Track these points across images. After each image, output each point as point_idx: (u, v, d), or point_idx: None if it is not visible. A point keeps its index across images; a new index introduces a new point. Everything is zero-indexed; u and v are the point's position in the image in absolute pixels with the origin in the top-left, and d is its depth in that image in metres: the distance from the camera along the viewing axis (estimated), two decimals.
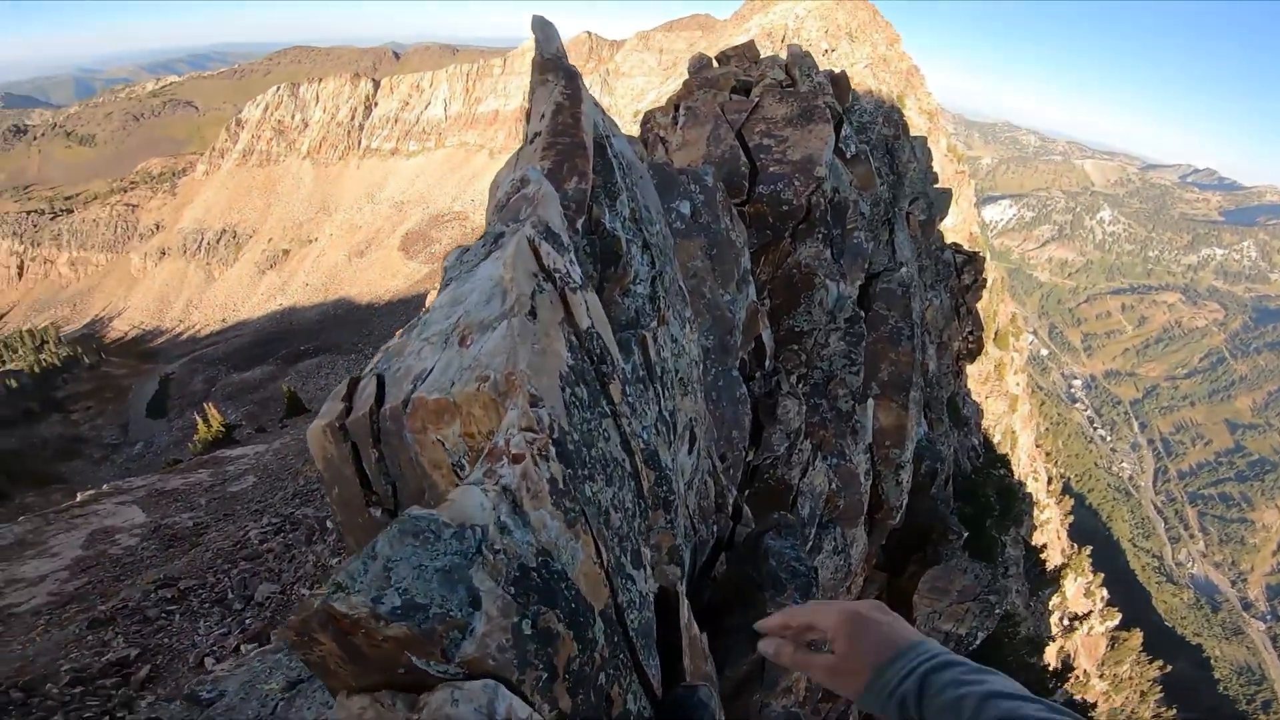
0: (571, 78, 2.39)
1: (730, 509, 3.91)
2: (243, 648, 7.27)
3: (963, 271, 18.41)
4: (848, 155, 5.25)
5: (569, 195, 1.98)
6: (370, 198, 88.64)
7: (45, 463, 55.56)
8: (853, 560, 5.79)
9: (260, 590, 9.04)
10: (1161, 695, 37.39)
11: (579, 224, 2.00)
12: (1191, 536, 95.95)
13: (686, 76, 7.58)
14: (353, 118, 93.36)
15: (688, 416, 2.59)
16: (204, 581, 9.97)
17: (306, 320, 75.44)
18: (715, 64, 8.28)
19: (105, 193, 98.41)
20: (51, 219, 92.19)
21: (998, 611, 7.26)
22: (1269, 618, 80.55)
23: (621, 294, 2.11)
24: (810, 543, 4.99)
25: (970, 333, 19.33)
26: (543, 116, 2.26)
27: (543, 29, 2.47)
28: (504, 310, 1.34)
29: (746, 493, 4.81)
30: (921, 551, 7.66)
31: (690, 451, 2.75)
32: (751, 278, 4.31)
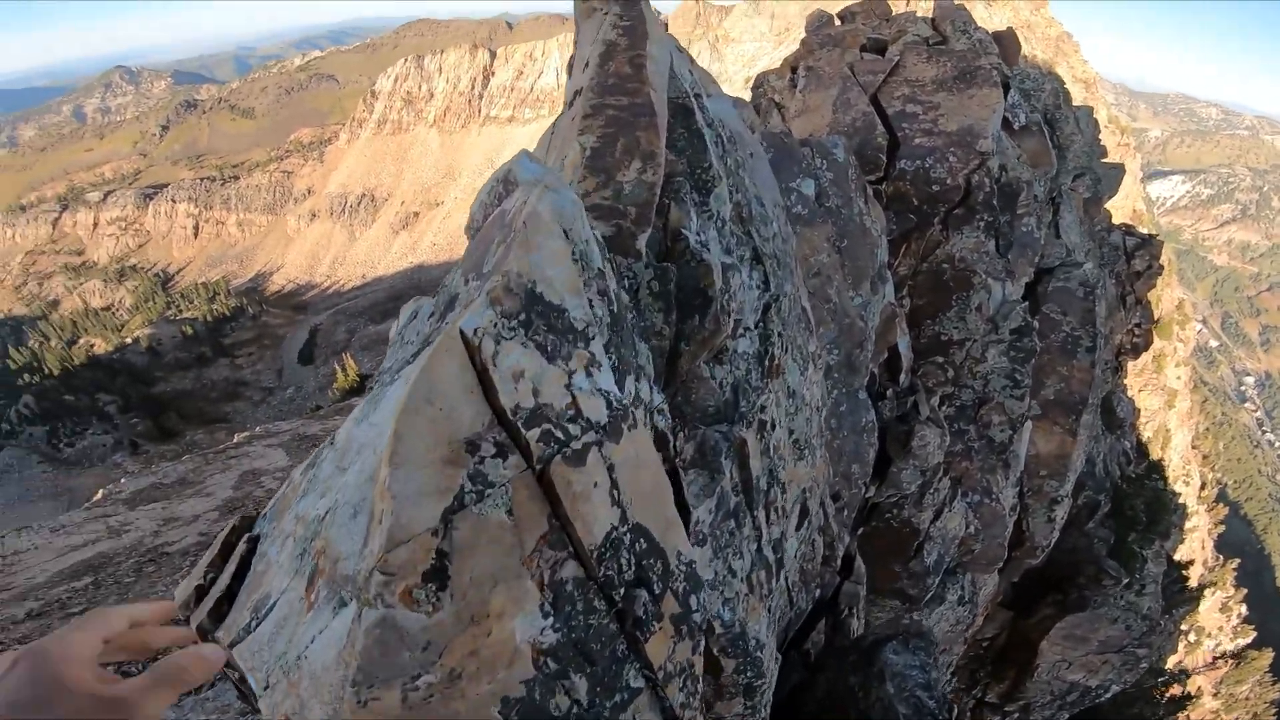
0: (631, 3, 1.69)
1: (839, 559, 3.20)
2: None
3: (1134, 256, 15.98)
4: (1015, 126, 4.15)
5: (625, 192, 1.33)
6: (490, 163, 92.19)
7: (212, 403, 63.78)
8: (978, 608, 4.87)
9: None
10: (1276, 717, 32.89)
11: (641, 242, 1.32)
12: None
13: (804, 36, 6.60)
14: (473, 87, 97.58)
15: (801, 488, 1.90)
16: None
17: (433, 277, 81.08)
18: (838, 21, 7.17)
19: (264, 161, 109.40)
20: (221, 184, 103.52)
21: (1143, 665, 6.01)
22: None
23: (711, 358, 1.40)
24: (931, 592, 4.16)
25: (1137, 324, 16.86)
26: (586, 65, 1.59)
27: None
28: (357, 580, 0.67)
29: (860, 531, 4.04)
30: (1062, 593, 6.47)
31: (799, 527, 2.07)
32: (889, 273, 3.45)
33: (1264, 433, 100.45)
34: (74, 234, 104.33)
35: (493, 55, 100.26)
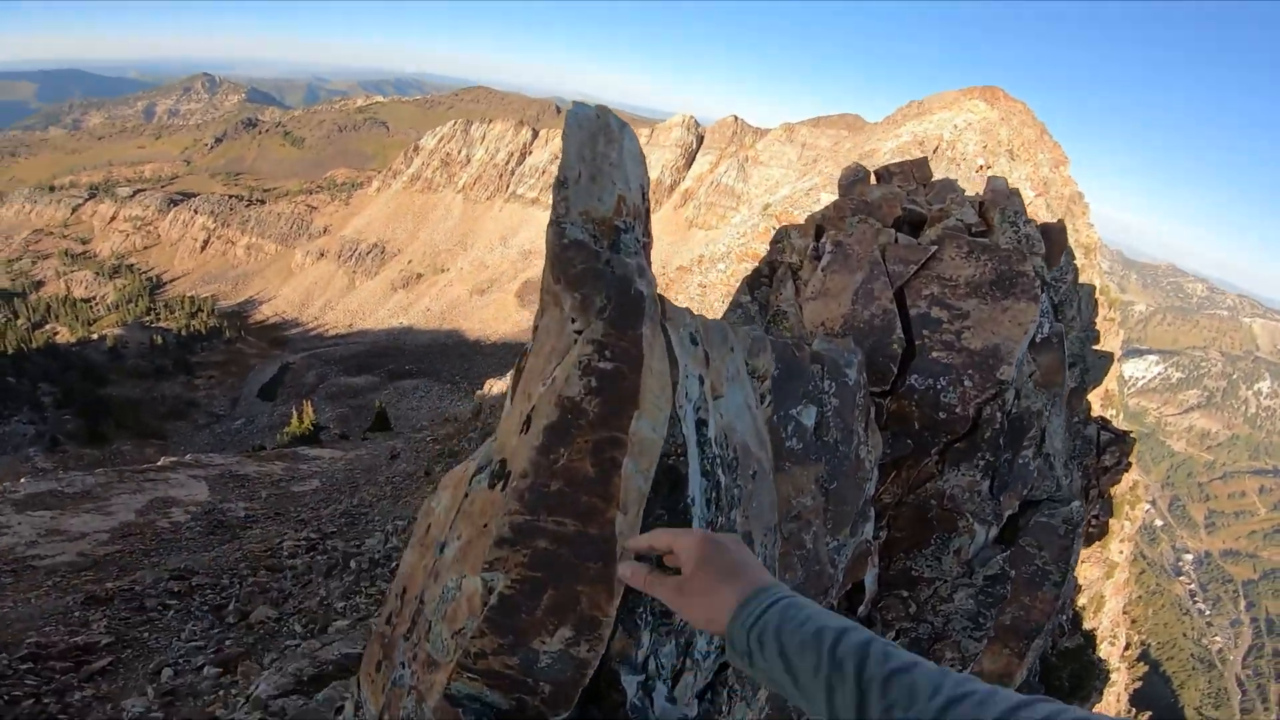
0: (626, 323, 1.28)
1: None
2: (207, 669, 6.98)
3: (1105, 451, 16.08)
4: (1037, 339, 3.94)
5: (540, 666, 1.06)
6: (503, 241, 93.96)
7: (156, 417, 60.67)
8: None
9: (257, 612, 8.90)
10: None
11: None
12: (1268, 710, 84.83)
13: (833, 191, 6.55)
14: (508, 161, 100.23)
15: None
16: (217, 582, 10.08)
17: (418, 342, 79.75)
18: (874, 179, 7.17)
19: (295, 191, 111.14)
20: (245, 205, 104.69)
21: None
22: None
23: None
24: None
25: (1095, 516, 16.76)
26: (528, 424, 1.22)
27: (576, 126, 1.60)
28: None
29: None
30: None
31: None
32: (872, 508, 3.12)
33: (1195, 602, 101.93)
34: (89, 223, 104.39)
35: (535, 134, 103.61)
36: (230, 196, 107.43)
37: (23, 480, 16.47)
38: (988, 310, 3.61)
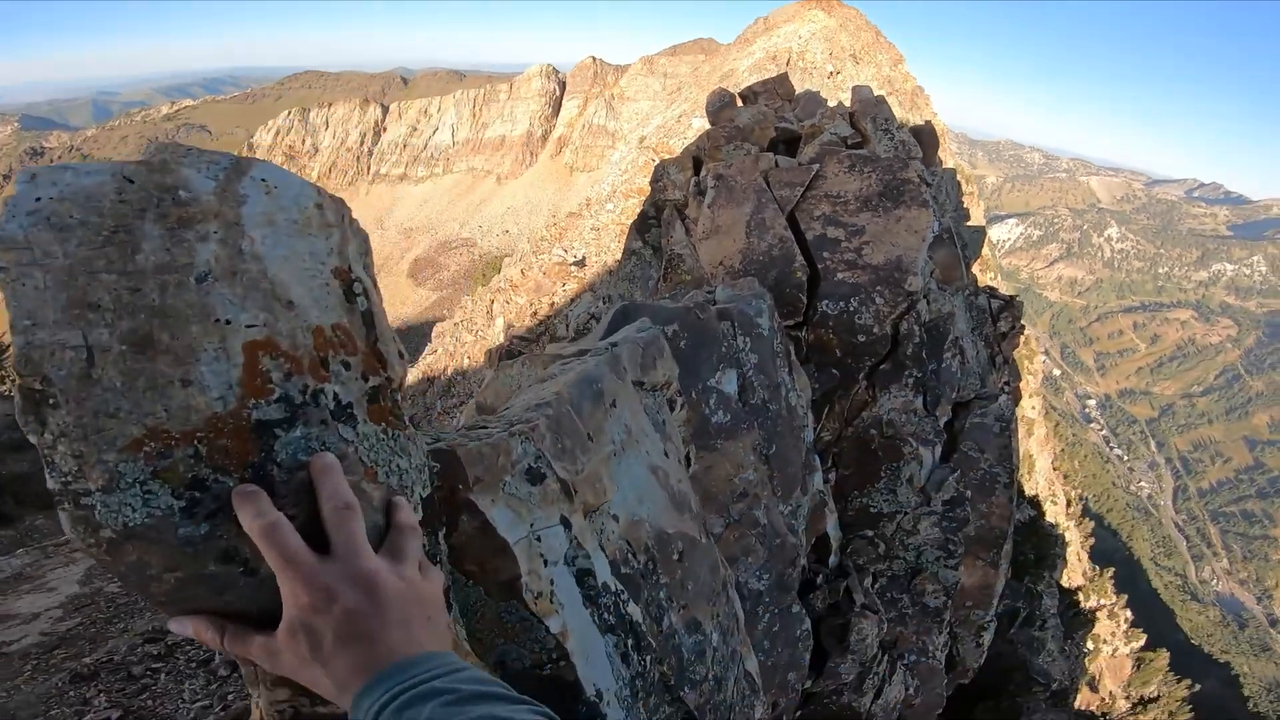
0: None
1: None
2: None
3: (999, 318, 17.21)
4: (928, 238, 3.83)
5: None
6: (379, 224, 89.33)
7: None
8: None
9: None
10: (1191, 715, 35.88)
11: None
12: (1215, 554, 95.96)
13: (703, 115, 6.23)
14: (362, 143, 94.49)
15: None
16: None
17: None
18: (740, 102, 6.87)
19: None
20: None
21: None
22: None
23: None
24: None
25: (1006, 383, 18.07)
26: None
27: None
28: None
29: (798, 716, 3.54)
30: (994, 700, 6.26)
31: None
32: (816, 457, 2.94)
33: (1111, 449, 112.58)
34: None
35: (385, 110, 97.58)
36: None
37: None
38: (882, 222, 3.44)
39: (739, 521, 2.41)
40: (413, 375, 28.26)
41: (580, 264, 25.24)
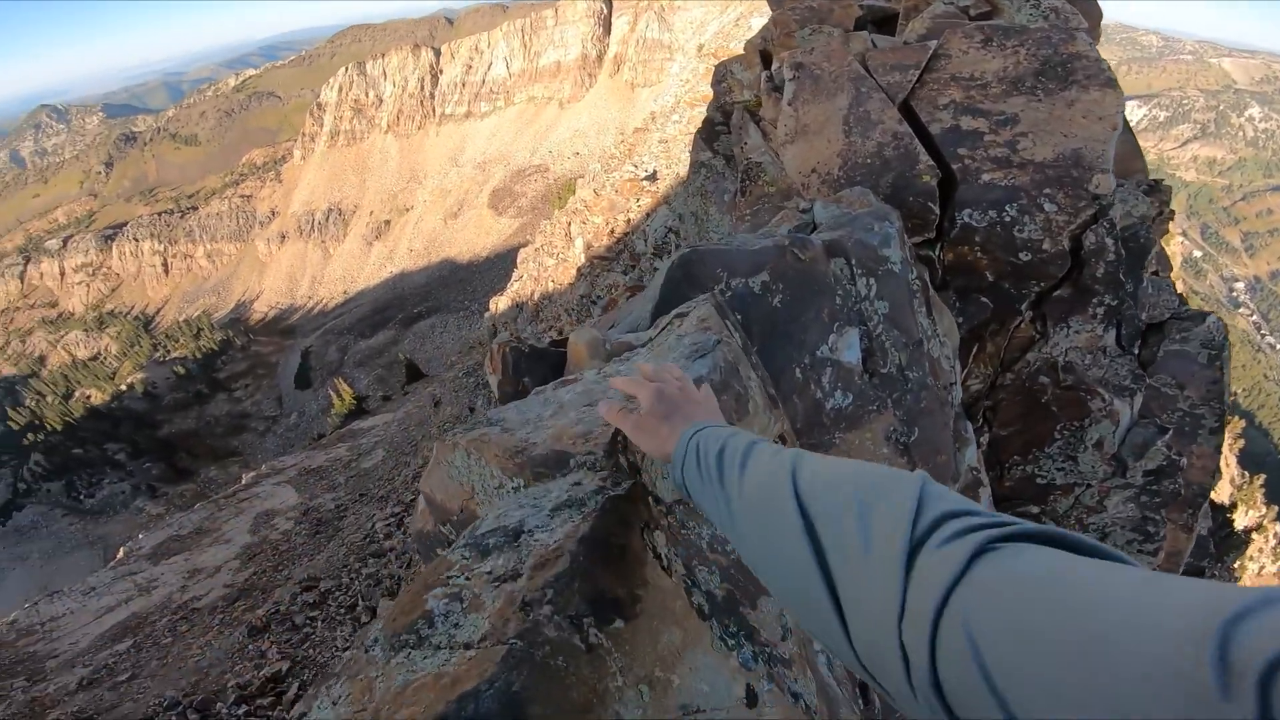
0: None
1: None
2: None
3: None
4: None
5: None
6: (454, 161, 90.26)
7: (220, 439, 64.08)
8: None
9: (382, 605, 9.68)
10: None
11: None
12: None
13: (764, 13, 5.10)
14: (422, 87, 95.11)
15: None
16: (339, 582, 10.94)
17: (415, 284, 78.96)
18: None
19: (220, 187, 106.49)
20: (181, 217, 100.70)
21: None
22: None
23: None
24: None
25: (1155, 272, 15.74)
26: None
27: None
28: None
29: None
30: None
31: None
32: (966, 422, 2.14)
33: (1263, 336, 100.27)
34: (43, 285, 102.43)
35: (437, 53, 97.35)
36: (160, 214, 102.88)
37: (140, 535, 17.98)
38: (1044, 108, 2.43)
39: None
40: (504, 302, 28.65)
41: (652, 178, 24.18)
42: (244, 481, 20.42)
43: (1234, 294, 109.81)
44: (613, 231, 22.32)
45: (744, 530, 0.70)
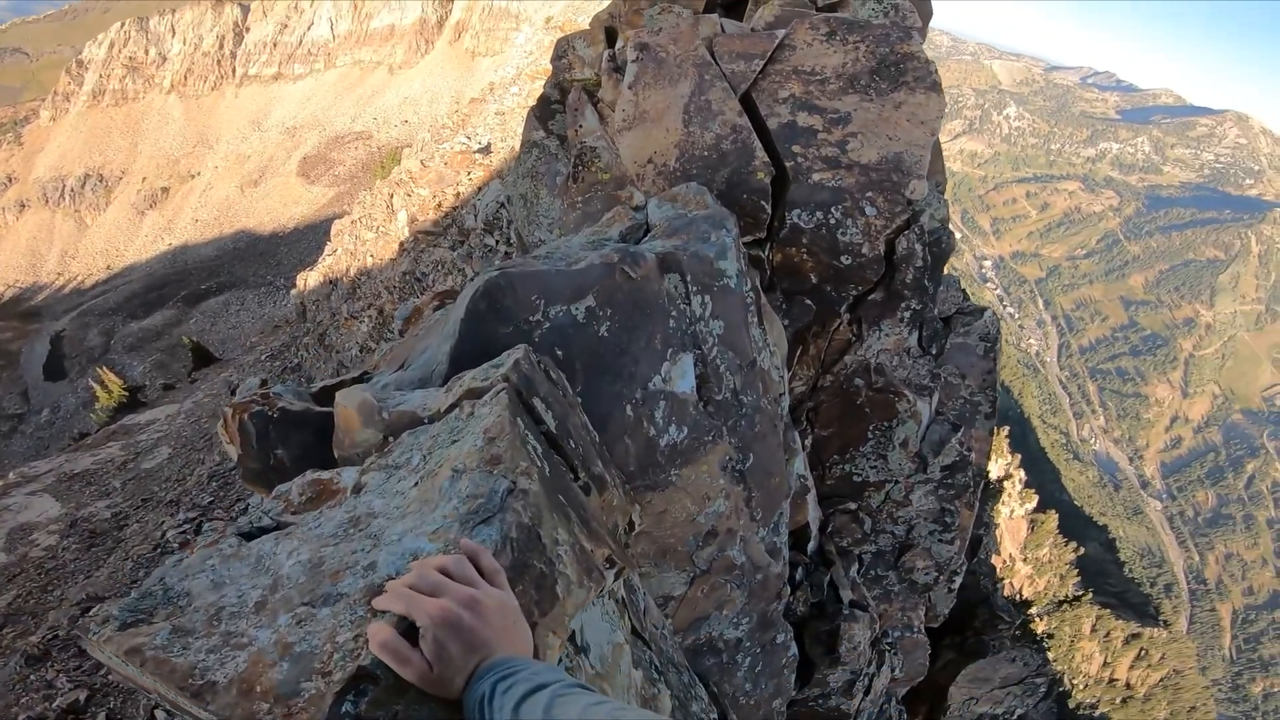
0: None
1: None
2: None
3: None
4: None
5: None
6: (256, 125, 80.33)
7: None
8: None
9: None
10: (1078, 578, 40.36)
11: None
12: (1093, 412, 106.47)
13: None
14: (221, 46, 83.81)
15: None
16: None
17: (203, 258, 70.14)
18: None
19: None
20: None
21: (1042, 690, 6.01)
22: (1164, 496, 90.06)
23: None
24: None
25: None
26: None
27: None
28: None
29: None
30: (960, 635, 6.26)
31: None
32: (795, 432, 2.13)
33: (1005, 307, 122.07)
34: None
35: (245, 9, 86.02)
36: None
37: None
38: (875, 109, 2.47)
39: (708, 571, 1.61)
40: (315, 278, 26.06)
41: (485, 150, 23.21)
42: None
43: (983, 270, 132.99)
44: (440, 205, 21.11)
45: None
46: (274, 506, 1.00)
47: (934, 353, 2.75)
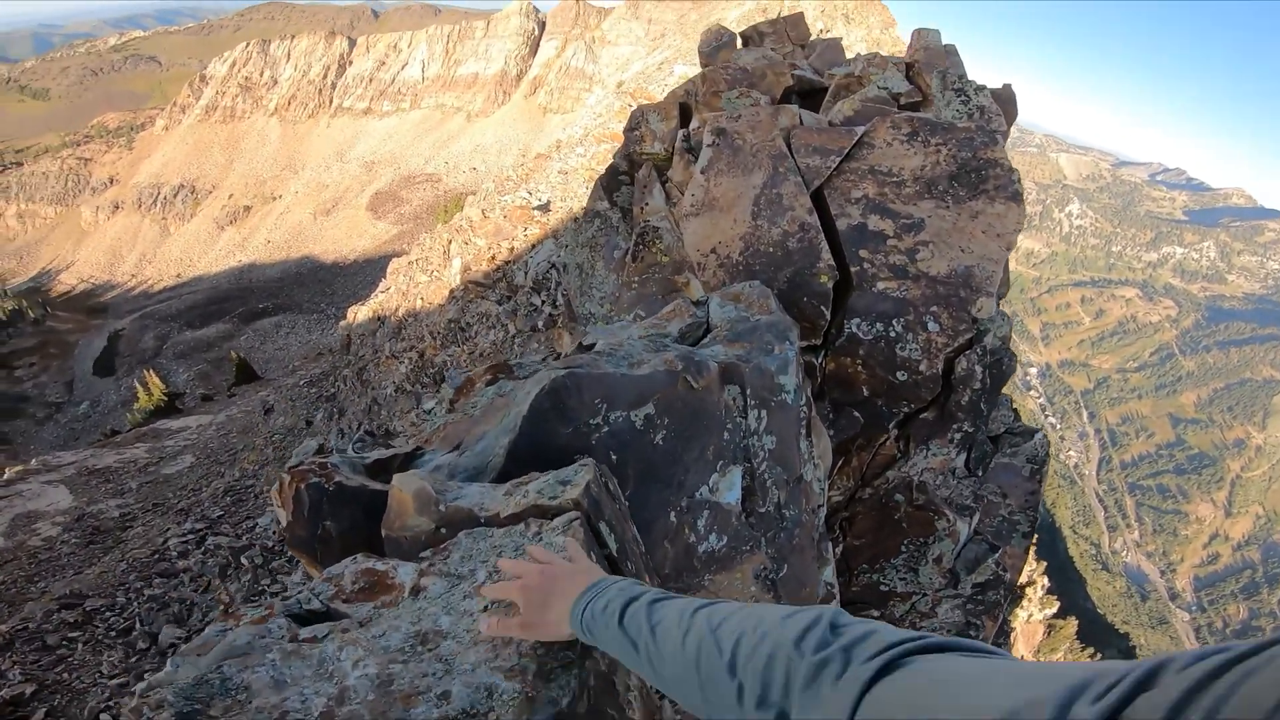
0: None
1: None
2: None
3: None
4: None
5: None
6: (339, 156, 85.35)
7: None
8: None
9: (164, 634, 8.69)
10: None
11: None
12: (1128, 525, 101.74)
13: (689, 63, 5.11)
14: (325, 76, 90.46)
15: None
16: (113, 602, 9.75)
17: (267, 278, 72.80)
18: (740, 43, 5.72)
19: (57, 146, 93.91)
20: (0, 171, 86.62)
21: None
22: (1193, 608, 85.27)
23: None
24: None
25: None
26: None
27: None
28: None
29: None
30: None
31: None
32: (829, 542, 2.07)
33: (1046, 416, 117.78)
34: None
35: (352, 44, 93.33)
36: None
37: None
38: (951, 217, 2.46)
39: None
40: (365, 313, 26.86)
41: (544, 208, 23.89)
42: (5, 477, 17.69)
43: (1027, 377, 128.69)
44: (494, 257, 21.66)
45: (676, 685, 0.80)
46: (325, 590, 1.01)
47: (979, 474, 2.67)
